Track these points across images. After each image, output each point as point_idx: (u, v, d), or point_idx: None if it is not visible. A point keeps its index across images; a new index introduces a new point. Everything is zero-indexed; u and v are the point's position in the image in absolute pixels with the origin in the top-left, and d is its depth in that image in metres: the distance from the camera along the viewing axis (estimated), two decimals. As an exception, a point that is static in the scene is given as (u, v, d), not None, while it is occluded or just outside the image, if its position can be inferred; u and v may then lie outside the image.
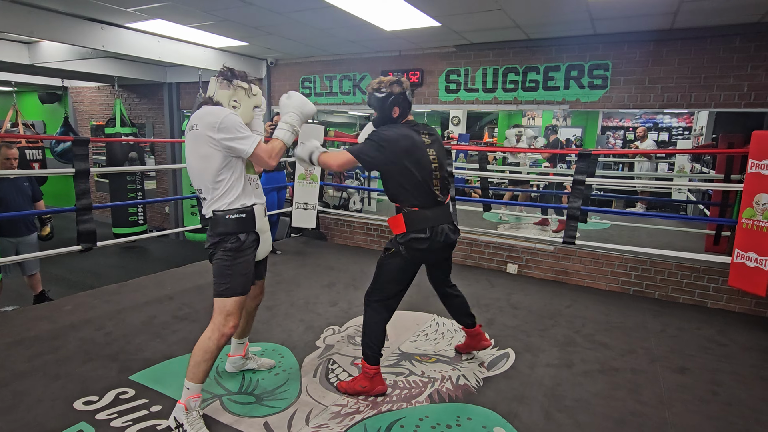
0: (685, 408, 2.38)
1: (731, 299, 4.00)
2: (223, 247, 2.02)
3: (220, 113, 1.92)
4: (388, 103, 2.24)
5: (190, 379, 2.01)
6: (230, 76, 2.04)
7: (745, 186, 3.42)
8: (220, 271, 2.03)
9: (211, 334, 2.02)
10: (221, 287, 2.04)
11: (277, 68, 6.22)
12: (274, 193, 5.07)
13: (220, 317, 2.04)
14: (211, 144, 1.91)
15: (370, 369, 2.36)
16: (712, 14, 3.53)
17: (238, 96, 2.05)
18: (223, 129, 1.90)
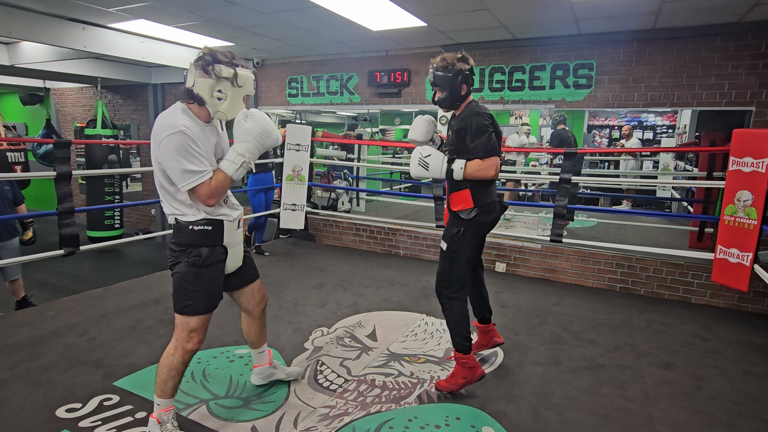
0: (671, 403, 2.41)
1: (715, 295, 4.06)
2: (184, 260, 1.83)
3: (166, 128, 1.68)
4: (458, 81, 2.19)
5: (159, 395, 1.92)
6: (210, 61, 1.72)
7: (727, 183, 3.48)
8: (181, 287, 1.85)
9: (174, 351, 1.89)
10: (182, 304, 1.87)
11: (263, 69, 6.18)
12: (262, 194, 5.03)
13: (183, 333, 1.88)
14: (155, 161, 1.74)
15: (467, 358, 2.35)
16: (692, 14, 3.59)
17: (223, 86, 1.75)
18: (163, 148, 1.68)
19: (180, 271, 1.86)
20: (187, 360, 1.92)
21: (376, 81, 5.30)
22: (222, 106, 1.78)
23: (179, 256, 1.86)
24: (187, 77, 1.80)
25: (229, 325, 3.20)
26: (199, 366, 2.63)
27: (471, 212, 2.24)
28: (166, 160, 1.70)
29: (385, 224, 5.53)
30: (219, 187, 1.79)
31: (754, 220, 3.29)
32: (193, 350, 1.91)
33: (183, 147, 1.68)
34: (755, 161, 3.27)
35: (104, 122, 5.86)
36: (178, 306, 1.90)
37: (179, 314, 1.90)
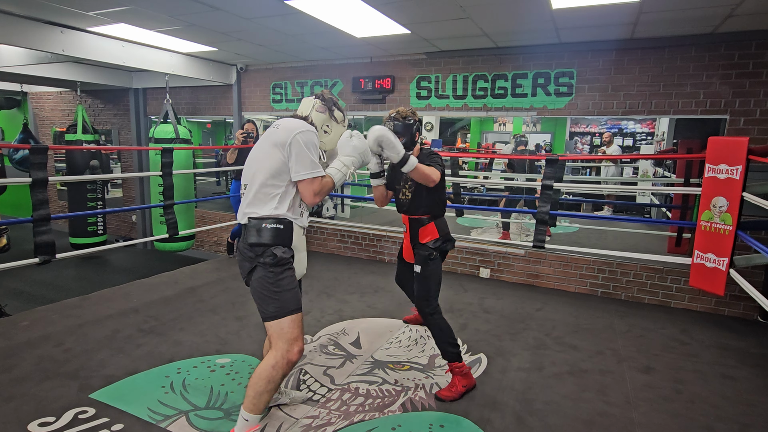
0: (651, 407, 2.45)
1: (693, 299, 4.15)
2: (263, 263, 1.85)
3: (301, 125, 1.90)
4: (413, 129, 2.54)
5: (251, 410, 1.85)
6: (331, 104, 2.06)
7: (703, 190, 3.55)
8: (264, 291, 1.86)
9: (275, 363, 1.84)
10: (271, 310, 1.86)
11: (247, 74, 6.14)
12: (245, 200, 4.98)
13: (284, 343, 1.85)
14: (278, 145, 1.85)
15: (462, 365, 2.50)
16: (669, 25, 3.67)
17: (332, 123, 2.07)
18: (295, 142, 1.84)
19: (260, 275, 1.87)
20: (287, 373, 1.89)
21: (361, 87, 5.31)
22: (326, 138, 2.07)
23: (253, 259, 1.87)
24: (302, 106, 2.07)
25: (209, 334, 3.15)
26: (178, 376, 2.58)
27: (437, 242, 2.63)
28: (296, 151, 1.85)
29: (369, 230, 5.52)
30: (325, 188, 1.94)
31: (730, 225, 3.36)
32: (294, 361, 1.88)
33: (313, 143, 1.90)
34: (730, 168, 3.35)
35: (85, 127, 5.74)
36: (271, 313, 1.87)
37: (274, 321, 1.87)
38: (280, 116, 7.39)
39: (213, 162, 9.87)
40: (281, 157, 1.85)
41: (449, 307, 3.84)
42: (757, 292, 3.13)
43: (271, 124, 2.03)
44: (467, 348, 3.09)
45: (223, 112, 6.49)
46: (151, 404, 2.29)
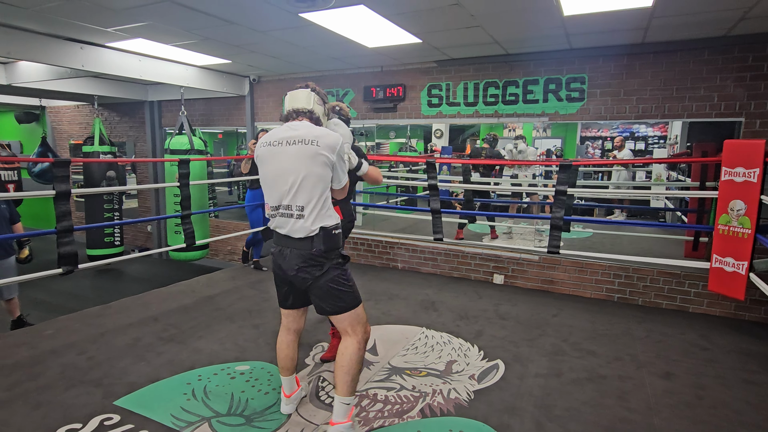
0: (672, 413, 2.42)
1: (712, 303, 4.10)
2: (335, 264, 2.03)
3: (337, 137, 2.00)
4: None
5: (349, 393, 2.03)
6: (324, 96, 2.17)
7: (720, 193, 3.53)
8: (342, 287, 2.04)
9: (359, 346, 2.05)
10: (349, 300, 2.06)
11: (259, 85, 6.24)
12: (260, 209, 5.04)
13: (360, 327, 2.08)
14: (327, 164, 1.96)
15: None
16: (680, 29, 3.68)
17: (323, 118, 2.17)
18: (338, 153, 2.00)
19: (333, 275, 2.03)
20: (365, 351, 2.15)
21: (372, 96, 5.37)
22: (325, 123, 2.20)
23: (325, 263, 2.01)
24: (299, 99, 2.10)
25: (228, 341, 3.19)
26: (199, 383, 2.61)
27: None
28: (340, 162, 2.04)
29: (383, 238, 5.55)
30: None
31: (748, 229, 3.33)
32: (368, 339, 2.14)
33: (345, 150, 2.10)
34: (747, 171, 3.32)
35: (102, 139, 5.87)
36: (349, 303, 2.06)
37: (352, 310, 2.06)
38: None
39: (226, 172, 10.00)
40: (330, 170, 1.99)
41: (464, 314, 3.84)
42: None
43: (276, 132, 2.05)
44: (484, 355, 3.08)
45: (236, 123, 6.60)
46: (174, 411, 2.33)
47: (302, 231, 1.97)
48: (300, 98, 2.08)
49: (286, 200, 1.97)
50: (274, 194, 2.01)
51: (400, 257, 5.48)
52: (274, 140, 2.00)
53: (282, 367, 2.27)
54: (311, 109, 2.06)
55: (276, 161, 1.98)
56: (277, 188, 1.99)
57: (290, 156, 1.94)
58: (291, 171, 1.95)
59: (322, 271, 2.00)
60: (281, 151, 1.97)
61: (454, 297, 4.33)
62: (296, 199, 1.96)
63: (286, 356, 2.25)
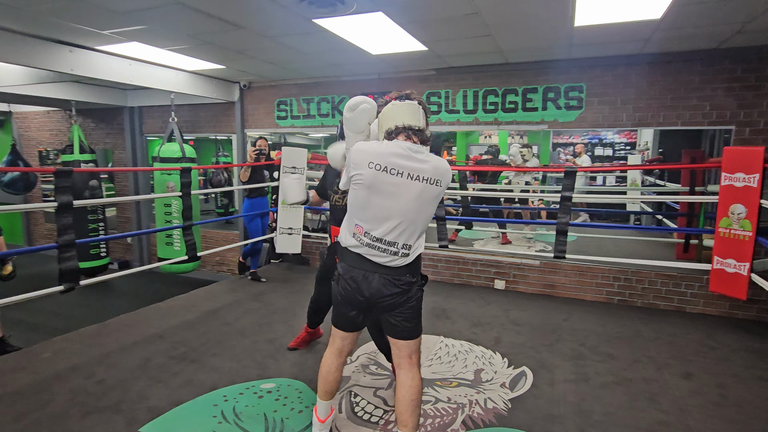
0: (704, 414, 2.48)
1: (708, 303, 4.26)
2: (420, 286, 1.96)
3: (449, 169, 1.89)
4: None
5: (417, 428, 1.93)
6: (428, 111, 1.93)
7: (720, 198, 3.68)
8: (418, 312, 1.97)
9: (420, 376, 1.96)
10: (419, 326, 1.99)
11: (250, 91, 6.09)
12: (258, 219, 4.90)
13: (418, 355, 1.99)
14: (440, 194, 1.87)
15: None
16: (677, 41, 3.83)
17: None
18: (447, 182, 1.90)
19: (417, 296, 1.95)
20: None
21: (370, 103, 5.33)
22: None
23: (412, 287, 1.91)
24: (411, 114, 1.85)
25: (245, 358, 3.05)
26: (227, 404, 2.48)
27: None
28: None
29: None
30: None
31: (749, 231, 3.49)
32: None
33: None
34: (747, 176, 3.48)
35: (82, 147, 5.56)
36: (420, 327, 1.99)
37: (417, 337, 1.98)
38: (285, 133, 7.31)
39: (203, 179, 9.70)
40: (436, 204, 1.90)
41: (477, 321, 3.84)
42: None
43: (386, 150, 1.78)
44: (508, 362, 3.08)
45: (225, 130, 6.41)
46: (208, 436, 2.20)
47: (397, 265, 1.84)
48: (411, 113, 1.82)
49: (392, 236, 1.79)
50: (377, 225, 1.79)
51: (399, 265, 5.43)
52: (391, 167, 1.75)
53: (325, 391, 2.07)
54: (422, 128, 1.84)
55: (392, 196, 1.76)
56: (385, 223, 1.78)
57: (414, 196, 1.77)
58: (410, 211, 1.78)
59: (409, 294, 1.89)
60: (402, 186, 1.75)
61: (462, 304, 4.33)
62: (404, 238, 1.80)
63: (334, 380, 2.06)
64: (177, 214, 4.82)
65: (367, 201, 1.80)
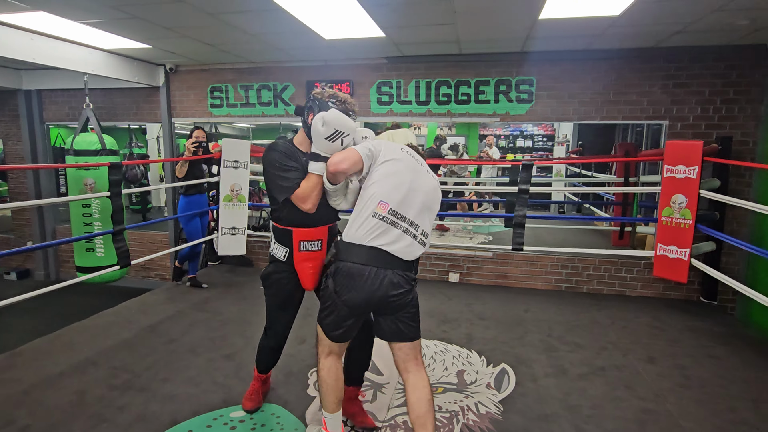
0: (677, 397, 2.60)
1: (645, 286, 4.58)
2: (415, 285, 1.92)
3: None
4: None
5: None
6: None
7: (663, 188, 3.93)
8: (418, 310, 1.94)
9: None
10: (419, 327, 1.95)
11: (177, 75, 5.45)
12: (197, 219, 4.40)
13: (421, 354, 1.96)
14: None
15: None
16: (622, 38, 4.00)
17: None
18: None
19: (416, 296, 1.91)
20: None
21: (317, 92, 5.00)
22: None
23: (415, 284, 1.90)
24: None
25: (205, 381, 2.68)
26: (195, 441, 2.13)
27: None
28: None
29: (331, 242, 5.23)
30: None
31: (689, 220, 3.76)
32: None
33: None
34: (687, 168, 3.74)
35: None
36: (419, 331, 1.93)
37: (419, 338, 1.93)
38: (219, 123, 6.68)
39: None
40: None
41: (444, 318, 3.76)
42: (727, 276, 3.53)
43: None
44: (486, 360, 3.02)
45: (147, 118, 5.70)
46: (180, 484, 1.85)
47: (413, 255, 1.81)
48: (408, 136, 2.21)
49: (412, 215, 1.79)
50: (405, 203, 1.77)
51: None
52: (417, 158, 1.92)
53: (338, 400, 1.93)
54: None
55: (419, 178, 1.84)
56: (408, 197, 1.78)
57: (431, 187, 1.87)
58: (429, 198, 1.85)
59: (413, 292, 1.87)
60: (423, 176, 1.87)
61: (424, 300, 4.18)
62: (423, 222, 1.83)
63: (342, 387, 1.96)
64: (99, 215, 4.16)
65: (390, 170, 1.79)
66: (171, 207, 5.57)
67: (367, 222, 1.75)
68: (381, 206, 1.74)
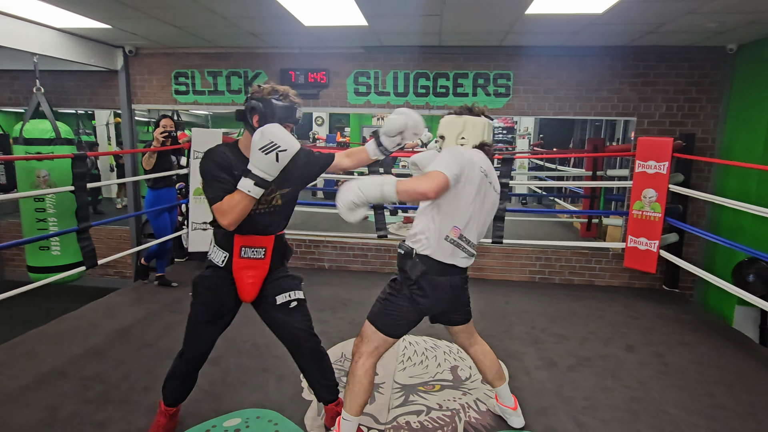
0: (660, 384, 2.72)
1: (612, 276, 4.78)
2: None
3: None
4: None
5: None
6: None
7: (634, 183, 4.09)
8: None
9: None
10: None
11: (138, 59, 5.06)
12: (166, 214, 4.14)
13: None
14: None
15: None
16: (597, 36, 4.10)
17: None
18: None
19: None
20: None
21: (291, 80, 4.81)
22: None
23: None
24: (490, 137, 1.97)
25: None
26: (190, 456, 2.00)
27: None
28: None
29: (306, 237, 5.10)
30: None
31: (659, 213, 3.94)
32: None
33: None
34: (658, 164, 3.92)
35: None
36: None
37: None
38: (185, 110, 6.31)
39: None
40: None
41: (428, 312, 3.75)
42: (691, 265, 3.73)
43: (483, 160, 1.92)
44: (477, 354, 3.04)
45: (104, 105, 5.27)
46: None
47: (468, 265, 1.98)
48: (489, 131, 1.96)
49: (474, 239, 1.91)
50: (471, 228, 1.87)
51: (326, 256, 5.12)
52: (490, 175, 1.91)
53: (365, 403, 1.96)
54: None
55: (483, 202, 1.88)
56: (475, 226, 1.88)
57: (491, 205, 1.93)
58: (487, 217, 1.94)
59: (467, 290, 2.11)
60: (489, 194, 1.91)
61: (406, 295, 4.20)
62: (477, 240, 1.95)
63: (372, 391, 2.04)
64: (55, 211, 3.83)
65: (471, 203, 1.83)
66: (132, 201, 5.22)
67: (441, 243, 1.83)
68: (454, 231, 1.83)
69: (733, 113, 4.28)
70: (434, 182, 1.67)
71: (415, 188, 1.69)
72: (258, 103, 1.78)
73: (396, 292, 1.91)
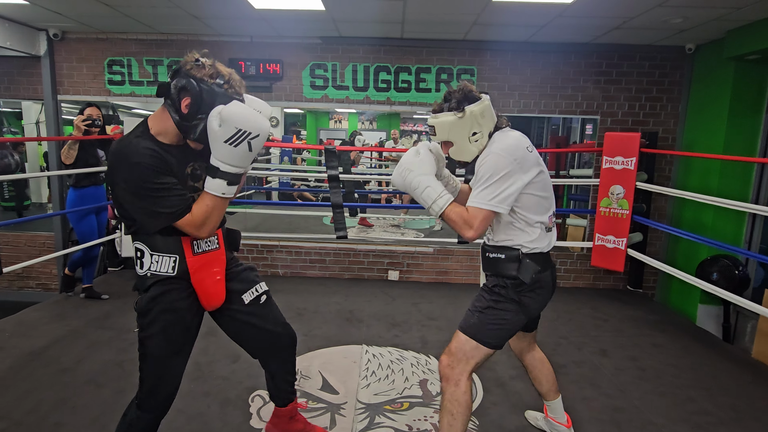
0: (639, 390, 2.57)
1: (576, 277, 4.69)
2: None
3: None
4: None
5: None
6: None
7: (601, 180, 4.01)
8: None
9: None
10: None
11: (65, 43, 4.50)
12: (92, 216, 3.64)
13: None
14: None
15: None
16: (563, 31, 4.00)
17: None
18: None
19: None
20: None
21: (242, 72, 4.42)
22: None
23: None
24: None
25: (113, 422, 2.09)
26: None
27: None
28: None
29: (258, 241, 4.70)
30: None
31: (626, 210, 3.87)
32: None
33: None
34: (625, 160, 3.84)
35: None
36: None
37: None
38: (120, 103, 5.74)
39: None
40: None
41: (393, 321, 3.48)
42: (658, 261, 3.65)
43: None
44: (447, 365, 2.78)
45: (24, 95, 4.66)
46: None
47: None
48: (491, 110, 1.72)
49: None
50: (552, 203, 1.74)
51: (280, 262, 4.75)
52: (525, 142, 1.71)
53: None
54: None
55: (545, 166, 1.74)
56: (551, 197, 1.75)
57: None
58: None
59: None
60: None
61: (367, 302, 3.91)
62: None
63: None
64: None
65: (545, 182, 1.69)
66: (57, 201, 4.62)
67: (542, 234, 1.70)
68: (551, 219, 1.73)
69: (693, 112, 4.30)
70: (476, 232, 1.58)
71: (460, 228, 1.59)
72: (194, 85, 1.34)
73: (501, 298, 1.72)
